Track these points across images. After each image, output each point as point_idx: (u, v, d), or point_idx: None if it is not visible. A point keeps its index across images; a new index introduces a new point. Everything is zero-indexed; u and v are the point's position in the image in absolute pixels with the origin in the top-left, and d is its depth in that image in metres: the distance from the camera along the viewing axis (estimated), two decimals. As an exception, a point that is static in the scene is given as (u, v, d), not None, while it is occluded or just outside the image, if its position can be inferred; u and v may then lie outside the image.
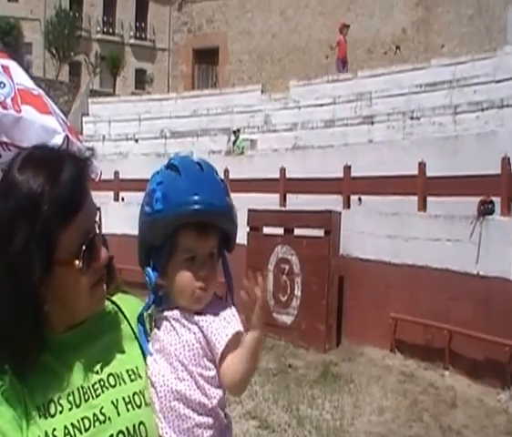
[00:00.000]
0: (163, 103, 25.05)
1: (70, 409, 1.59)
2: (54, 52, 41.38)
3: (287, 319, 12.80)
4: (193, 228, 1.71)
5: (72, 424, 1.57)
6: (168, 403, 1.67)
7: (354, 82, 19.75)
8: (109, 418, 1.60)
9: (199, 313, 1.73)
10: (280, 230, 13.39)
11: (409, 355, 11.33)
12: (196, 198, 1.69)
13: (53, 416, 1.57)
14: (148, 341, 1.75)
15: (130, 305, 1.82)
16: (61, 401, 1.59)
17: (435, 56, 20.83)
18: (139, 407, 1.64)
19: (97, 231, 1.62)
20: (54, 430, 1.55)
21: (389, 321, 11.59)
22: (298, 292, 12.68)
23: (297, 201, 14.44)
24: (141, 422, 1.63)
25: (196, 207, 1.69)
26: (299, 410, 8.97)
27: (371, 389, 9.94)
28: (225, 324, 1.71)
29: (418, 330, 11.22)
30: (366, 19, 24.10)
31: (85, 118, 25.54)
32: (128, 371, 1.68)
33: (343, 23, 23.66)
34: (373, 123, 17.23)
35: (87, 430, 1.57)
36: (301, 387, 9.91)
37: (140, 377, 1.69)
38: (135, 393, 1.65)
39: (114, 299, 1.81)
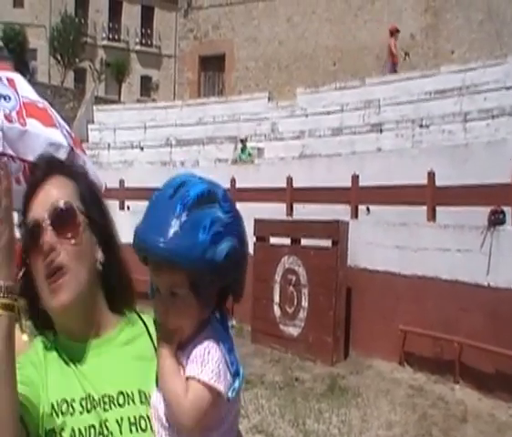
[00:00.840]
0: (168, 110, 25.03)
1: (81, 412, 1.61)
2: (59, 58, 41.31)
3: (294, 331, 12.66)
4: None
5: (79, 430, 1.59)
6: None
7: (362, 89, 19.70)
8: (112, 433, 1.60)
9: (183, 348, 1.60)
10: (286, 240, 13.27)
11: (418, 368, 11.17)
12: (136, 230, 1.59)
13: (64, 415, 1.60)
14: None
15: None
16: (74, 404, 1.61)
17: (445, 63, 20.74)
18: (144, 431, 1.62)
19: (49, 222, 1.66)
20: (62, 430, 1.58)
21: (398, 333, 11.42)
22: (305, 304, 12.53)
23: (304, 211, 14.30)
24: None
25: (133, 240, 1.59)
26: (305, 424, 8.87)
27: (379, 402, 9.80)
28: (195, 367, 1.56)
29: (427, 342, 11.06)
30: (374, 25, 23.96)
31: (90, 126, 25.54)
32: (140, 393, 1.67)
33: (395, 27, 23.37)
34: (381, 131, 17.16)
35: None
36: (307, 401, 9.79)
37: None
38: (141, 417, 1.63)
39: (144, 317, 1.81)
